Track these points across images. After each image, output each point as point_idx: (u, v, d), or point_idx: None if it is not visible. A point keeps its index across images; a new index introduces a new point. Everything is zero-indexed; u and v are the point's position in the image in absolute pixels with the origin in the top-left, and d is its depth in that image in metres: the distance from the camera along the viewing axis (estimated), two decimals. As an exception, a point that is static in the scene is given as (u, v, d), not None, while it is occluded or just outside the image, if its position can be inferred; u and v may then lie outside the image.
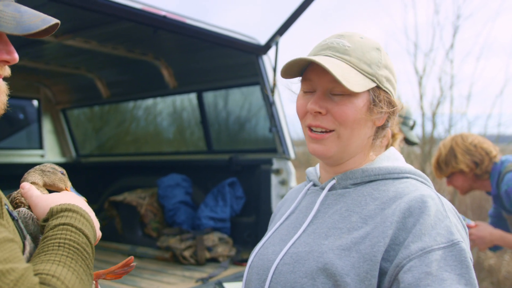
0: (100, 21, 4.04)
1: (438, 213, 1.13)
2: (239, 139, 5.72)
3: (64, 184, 1.24)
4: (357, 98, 1.22)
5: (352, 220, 1.19)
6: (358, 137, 1.25)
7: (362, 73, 1.21)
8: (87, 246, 0.97)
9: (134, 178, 5.84)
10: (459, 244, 1.09)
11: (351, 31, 1.29)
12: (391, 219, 1.13)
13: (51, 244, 0.93)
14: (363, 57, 1.22)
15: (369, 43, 1.26)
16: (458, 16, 9.97)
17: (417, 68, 10.54)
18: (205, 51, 4.71)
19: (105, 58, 5.20)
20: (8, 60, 1.02)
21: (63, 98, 6.43)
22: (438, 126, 10.74)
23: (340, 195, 1.27)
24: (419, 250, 1.07)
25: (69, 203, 1.04)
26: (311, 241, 1.22)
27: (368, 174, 1.26)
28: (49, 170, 1.23)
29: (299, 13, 3.92)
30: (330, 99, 1.23)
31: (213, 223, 4.80)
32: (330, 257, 1.14)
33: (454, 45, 9.96)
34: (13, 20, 0.97)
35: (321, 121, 1.23)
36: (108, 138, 6.96)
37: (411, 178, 1.26)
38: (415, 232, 1.10)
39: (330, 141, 1.24)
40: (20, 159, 6.11)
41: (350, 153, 1.27)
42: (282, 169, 4.50)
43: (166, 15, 3.57)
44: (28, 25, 0.98)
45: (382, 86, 1.24)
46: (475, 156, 2.88)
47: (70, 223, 0.98)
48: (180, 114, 6.18)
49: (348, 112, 1.21)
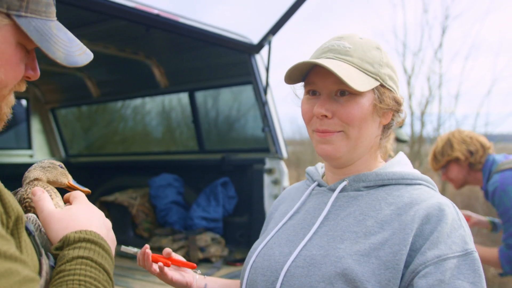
0: (91, 20, 4.00)
1: (454, 222, 1.14)
2: (231, 139, 5.71)
3: (66, 178, 1.21)
4: (362, 97, 1.21)
5: (367, 224, 1.18)
6: (366, 136, 1.25)
7: (365, 73, 1.21)
8: (108, 284, 0.90)
9: (125, 178, 5.80)
10: (472, 254, 1.11)
11: (350, 33, 1.29)
12: (410, 226, 1.13)
13: (70, 282, 0.85)
14: (365, 57, 1.22)
15: (369, 43, 1.26)
16: (446, 16, 10.07)
17: (406, 68, 10.63)
18: (197, 50, 4.69)
19: (96, 57, 5.06)
20: (31, 77, 0.99)
21: (52, 97, 6.36)
22: (427, 125, 10.84)
23: (353, 198, 1.26)
24: (435, 258, 1.09)
25: (88, 230, 0.94)
26: (325, 244, 1.20)
27: (382, 178, 1.26)
28: (48, 166, 1.18)
29: (292, 13, 3.91)
30: (336, 101, 1.22)
31: (205, 223, 4.78)
32: (348, 262, 1.13)
33: (442, 44, 10.07)
34: (64, 49, 0.95)
35: (328, 125, 1.22)
36: (98, 137, 6.91)
37: (423, 185, 1.27)
38: (432, 239, 1.11)
39: (339, 140, 1.23)
40: (8, 159, 6.04)
41: (359, 153, 1.27)
42: (274, 168, 4.49)
43: (159, 13, 3.54)
44: (76, 58, 0.96)
45: (385, 84, 1.24)
46: (471, 146, 3.01)
47: (90, 257, 0.89)
48: (172, 113, 6.14)
49: (354, 112, 1.21)
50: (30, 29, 0.90)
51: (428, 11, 11.52)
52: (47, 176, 1.17)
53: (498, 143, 9.60)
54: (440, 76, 10.36)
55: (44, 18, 0.93)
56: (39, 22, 0.92)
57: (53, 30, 0.94)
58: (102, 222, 1.02)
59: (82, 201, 1.06)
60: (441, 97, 10.52)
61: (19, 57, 0.93)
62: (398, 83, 1.30)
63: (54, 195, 1.10)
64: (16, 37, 0.90)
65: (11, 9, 0.87)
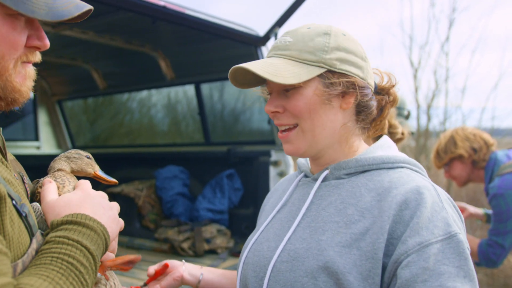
0: (98, 11, 4.00)
1: (435, 205, 1.12)
2: (237, 131, 5.72)
3: (92, 168, 1.24)
4: (305, 88, 1.22)
5: (348, 213, 1.18)
6: (323, 126, 1.24)
7: (304, 63, 1.21)
8: (85, 259, 0.94)
9: (132, 170, 5.82)
10: (456, 236, 1.08)
11: (300, 25, 1.30)
12: (388, 213, 1.12)
13: (44, 258, 0.91)
14: (305, 47, 1.22)
15: (315, 31, 1.25)
16: (453, 9, 10.00)
17: (413, 61, 10.57)
18: (204, 42, 4.69)
19: (102, 49, 5.16)
20: (39, 46, 1.02)
21: (59, 89, 6.39)
22: (433, 119, 10.79)
23: (334, 186, 1.26)
24: (417, 245, 1.07)
25: (73, 213, 1.00)
26: (307, 236, 1.20)
27: (362, 163, 1.25)
28: (74, 156, 1.22)
29: (298, 5, 3.91)
30: (285, 96, 1.25)
31: (211, 215, 4.80)
32: (330, 254, 1.13)
33: (449, 38, 10.01)
34: (45, 5, 0.96)
35: (282, 119, 1.26)
36: (104, 129, 6.93)
37: (405, 167, 1.25)
38: (412, 226, 1.08)
39: (296, 137, 1.25)
40: (15, 150, 6.07)
41: (324, 144, 1.26)
42: (280, 160, 4.50)
43: (165, 5, 3.54)
44: (61, 11, 0.97)
45: (335, 69, 1.21)
46: (474, 143, 3.00)
47: (67, 236, 0.95)
48: (178, 106, 6.16)
49: (299, 104, 1.22)
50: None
51: (435, 4, 11.47)
52: (71, 166, 1.20)
53: (504, 138, 9.56)
54: (446, 70, 10.31)
55: None
56: None
57: None
58: (98, 204, 1.08)
59: (82, 188, 1.12)
60: (447, 91, 10.47)
61: (9, 27, 0.95)
62: (362, 64, 1.26)
63: (67, 184, 1.15)
64: None
65: None
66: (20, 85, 1.01)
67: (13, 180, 1.00)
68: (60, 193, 1.12)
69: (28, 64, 1.03)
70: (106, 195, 1.15)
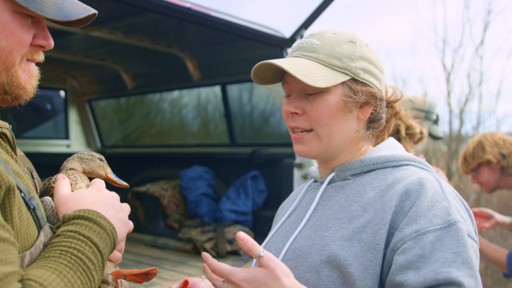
0: (125, 13, 4.06)
1: (436, 195, 1.11)
2: (262, 133, 5.71)
3: (103, 171, 1.25)
4: (329, 94, 1.21)
5: (352, 210, 1.18)
6: (339, 133, 1.24)
7: (331, 68, 1.20)
8: (94, 255, 0.95)
9: (158, 170, 5.89)
10: (456, 224, 1.06)
11: (325, 29, 1.29)
12: (389, 204, 1.11)
13: (53, 251, 0.92)
14: (333, 52, 1.22)
15: (341, 37, 1.25)
16: (489, 11, 9.76)
17: (445, 64, 10.37)
18: (230, 43, 4.70)
19: (130, 50, 5.24)
20: (44, 46, 1.05)
21: (89, 89, 6.51)
22: (466, 124, 10.56)
23: (340, 187, 1.26)
24: (413, 232, 1.05)
25: (86, 209, 1.01)
26: (312, 234, 1.21)
27: (367, 163, 1.25)
28: (87, 158, 1.23)
29: (325, 6, 3.88)
30: (306, 99, 1.23)
31: (234, 216, 4.81)
32: (332, 248, 1.13)
33: (484, 41, 9.77)
34: (54, 5, 0.99)
35: (298, 121, 1.25)
36: (132, 129, 7.03)
37: (410, 165, 1.24)
38: (411, 214, 1.08)
39: (311, 140, 1.25)
40: (46, 148, 6.22)
41: (335, 149, 1.27)
42: (304, 163, 4.47)
43: (191, 6, 3.56)
44: (69, 12, 1.00)
45: (358, 78, 1.22)
46: (503, 149, 2.92)
47: (78, 231, 0.96)
48: (204, 107, 6.19)
49: (321, 110, 1.21)
50: None
51: (469, 6, 11.22)
52: (83, 167, 1.22)
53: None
54: (480, 74, 10.07)
55: None
56: None
57: None
58: (110, 204, 1.09)
59: (96, 186, 1.14)
60: (481, 95, 10.24)
61: (18, 24, 0.98)
62: (380, 76, 1.27)
63: (80, 181, 1.17)
64: (9, 5, 0.96)
65: None
66: (25, 82, 1.03)
67: (23, 173, 1.03)
68: (72, 189, 1.13)
69: (32, 62, 1.06)
70: (118, 196, 1.16)
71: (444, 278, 0.99)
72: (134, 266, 4.20)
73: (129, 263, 4.30)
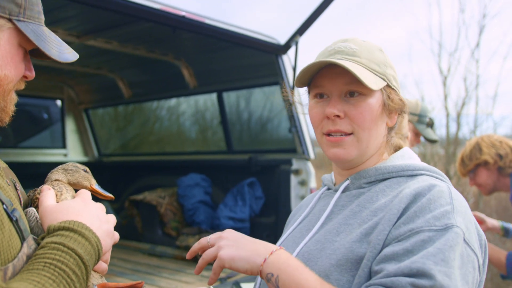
0: (120, 22, 4.07)
1: (441, 199, 1.10)
2: (258, 139, 5.71)
3: (88, 182, 1.24)
4: (372, 97, 1.22)
5: (362, 215, 1.18)
6: (375, 138, 1.25)
7: (373, 73, 1.22)
8: (78, 268, 0.95)
9: (155, 178, 5.88)
10: (453, 228, 1.04)
11: (352, 36, 1.30)
12: (398, 206, 1.11)
13: (37, 263, 0.92)
14: (372, 57, 1.23)
15: (372, 45, 1.27)
16: (484, 14, 9.79)
17: (442, 68, 10.38)
18: (225, 51, 4.72)
19: (126, 59, 5.25)
20: (28, 77, 1.13)
21: (86, 98, 6.52)
22: (463, 127, 10.56)
23: (355, 196, 1.25)
24: (408, 231, 1.05)
25: (71, 220, 1.02)
26: (322, 238, 1.21)
27: (382, 172, 1.25)
28: (71, 169, 1.23)
29: (319, 13, 3.89)
30: (346, 102, 1.22)
31: (232, 223, 4.80)
32: (342, 252, 1.13)
33: (480, 44, 9.78)
34: (57, 47, 1.11)
35: (340, 125, 1.22)
36: (129, 138, 7.03)
37: (425, 175, 1.23)
38: (409, 214, 1.08)
39: (350, 144, 1.23)
40: (43, 158, 6.21)
41: (368, 154, 1.27)
42: (301, 169, 4.47)
43: (185, 15, 3.58)
44: (67, 55, 1.12)
45: (391, 84, 1.25)
46: (500, 149, 2.93)
47: (63, 243, 0.96)
48: (201, 114, 6.20)
49: (365, 114, 1.21)
50: (29, 31, 1.06)
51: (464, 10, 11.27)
52: (68, 178, 1.22)
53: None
54: (477, 77, 10.09)
55: (37, 23, 1.09)
56: (34, 26, 1.08)
57: (46, 33, 1.10)
58: (96, 215, 1.10)
59: (82, 197, 1.14)
60: (478, 98, 10.25)
61: (20, 57, 1.09)
62: (399, 85, 1.31)
63: (65, 191, 1.17)
64: (18, 39, 1.06)
65: (12, 15, 1.04)
66: (11, 110, 1.11)
67: (5, 185, 1.03)
68: (58, 200, 1.13)
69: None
70: (104, 207, 1.16)
71: (417, 267, 0.98)
72: (132, 275, 4.19)
73: (127, 272, 4.29)
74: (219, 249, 1.14)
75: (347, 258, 1.11)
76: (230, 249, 1.13)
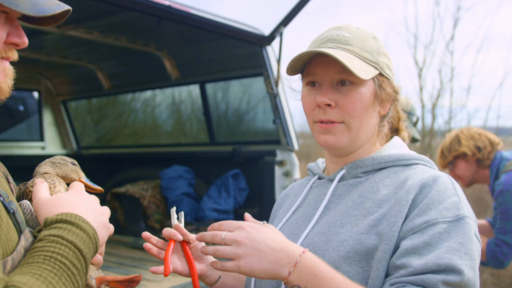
0: (104, 11, 4.00)
1: (448, 190, 1.13)
2: (242, 131, 5.71)
3: (76, 175, 1.22)
4: (363, 86, 1.22)
5: (366, 206, 1.19)
6: (366, 126, 1.26)
7: (365, 61, 1.22)
8: (77, 260, 0.94)
9: (137, 170, 5.82)
10: (464, 219, 1.08)
11: (346, 23, 1.30)
12: (406, 198, 1.13)
13: (37, 256, 0.90)
14: (364, 46, 1.23)
15: (366, 32, 1.27)
16: (458, 7, 9.98)
17: (417, 60, 10.56)
18: (208, 42, 4.68)
19: (107, 49, 5.16)
20: (18, 44, 1.02)
21: (64, 89, 6.39)
22: (438, 118, 10.77)
23: (352, 185, 1.26)
24: (423, 223, 1.07)
25: (68, 213, 0.99)
26: (326, 230, 1.21)
27: (379, 161, 1.27)
28: (59, 162, 1.21)
29: (303, 4, 3.90)
30: (338, 91, 1.23)
31: (216, 215, 4.80)
32: (350, 244, 1.13)
33: (454, 37, 9.99)
34: (29, 1, 0.97)
35: (331, 114, 1.23)
36: (109, 129, 6.94)
37: (420, 164, 1.26)
38: (422, 206, 1.10)
39: (340, 131, 1.24)
40: (20, 151, 6.09)
41: (360, 142, 1.28)
42: (285, 160, 4.48)
43: (170, 4, 3.54)
44: (44, 8, 0.98)
45: (384, 73, 1.25)
46: (479, 142, 2.99)
47: (61, 236, 0.94)
48: (183, 106, 6.15)
49: (356, 103, 1.21)
50: None
51: (439, 3, 11.45)
52: (56, 171, 1.19)
53: (509, 137, 9.51)
54: (451, 69, 10.29)
55: None
56: None
57: None
58: (91, 207, 1.07)
59: (76, 189, 1.12)
60: (452, 90, 10.46)
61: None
62: (393, 73, 1.31)
63: (58, 184, 1.15)
64: None
65: None
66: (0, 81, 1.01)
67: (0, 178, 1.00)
68: (51, 192, 1.11)
69: (6, 60, 1.03)
70: (98, 199, 1.14)
71: (445, 264, 1.01)
72: (117, 268, 4.15)
73: (112, 265, 4.24)
74: (237, 257, 1.06)
75: (356, 250, 1.12)
76: (250, 260, 1.05)
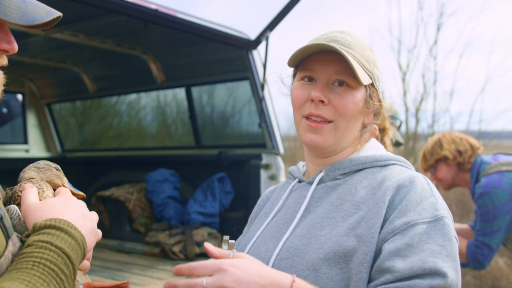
0: (89, 14, 3.99)
1: (424, 191, 1.16)
2: (228, 134, 5.72)
3: (60, 180, 1.22)
4: (357, 91, 1.24)
5: (344, 208, 1.20)
6: (351, 130, 1.28)
7: (363, 68, 1.24)
8: (66, 267, 0.93)
9: (122, 173, 5.80)
10: (442, 219, 1.11)
11: (348, 30, 1.32)
12: (383, 199, 1.15)
13: (25, 262, 0.90)
14: (364, 54, 1.26)
15: (364, 43, 1.30)
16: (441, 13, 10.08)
17: (401, 64, 10.63)
18: (195, 45, 4.69)
19: (92, 52, 5.14)
20: (8, 50, 1.00)
21: (48, 92, 6.34)
22: (422, 122, 10.85)
23: (331, 188, 1.28)
24: (403, 224, 1.10)
25: (56, 218, 0.99)
26: (306, 233, 1.22)
27: (356, 163, 1.29)
28: (43, 167, 1.20)
29: (289, 9, 3.92)
30: (333, 91, 1.24)
31: (202, 218, 4.80)
32: (330, 246, 1.15)
33: (437, 41, 10.07)
34: (18, 10, 0.95)
35: (323, 110, 1.24)
36: (94, 132, 6.89)
37: (397, 164, 1.29)
38: (401, 208, 1.12)
39: (328, 132, 1.25)
40: (4, 154, 6.02)
41: (343, 145, 1.30)
42: (271, 164, 4.50)
43: (157, 8, 3.54)
44: (33, 16, 0.96)
45: (375, 84, 1.28)
46: (460, 146, 3.05)
47: (50, 241, 0.93)
48: (169, 108, 6.14)
49: (348, 105, 1.23)
50: None
51: (423, 8, 11.56)
52: (41, 176, 1.19)
53: (491, 141, 9.64)
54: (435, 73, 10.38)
55: None
56: None
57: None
58: (80, 213, 1.07)
59: (64, 195, 1.12)
60: (435, 94, 10.54)
61: None
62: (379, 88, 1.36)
63: (46, 189, 1.15)
64: None
65: None
66: None
67: None
68: (40, 198, 1.11)
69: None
70: (85, 205, 1.14)
71: (430, 267, 1.03)
72: (102, 272, 4.13)
73: (97, 269, 4.22)
74: None
75: (335, 252, 1.13)
76: None
